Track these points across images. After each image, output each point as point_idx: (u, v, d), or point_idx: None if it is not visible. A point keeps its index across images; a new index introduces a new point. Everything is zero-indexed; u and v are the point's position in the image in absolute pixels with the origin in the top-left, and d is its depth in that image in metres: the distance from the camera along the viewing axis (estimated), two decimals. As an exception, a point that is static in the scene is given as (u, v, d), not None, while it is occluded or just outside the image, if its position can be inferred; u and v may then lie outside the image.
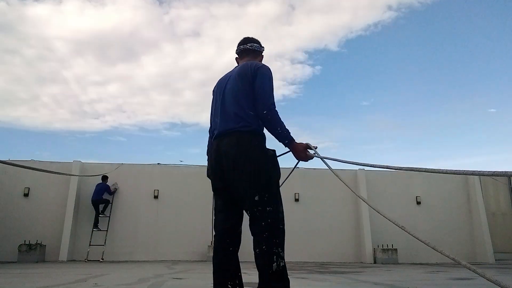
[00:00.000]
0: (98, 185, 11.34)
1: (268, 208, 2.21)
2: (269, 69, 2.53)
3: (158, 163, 12.62)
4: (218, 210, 2.51)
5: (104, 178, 11.47)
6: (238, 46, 2.83)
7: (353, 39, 24.24)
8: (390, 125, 25.88)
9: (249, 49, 2.77)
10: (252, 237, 2.23)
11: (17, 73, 23.32)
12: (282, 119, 2.37)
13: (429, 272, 7.61)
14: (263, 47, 2.82)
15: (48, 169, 5.10)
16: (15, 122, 24.21)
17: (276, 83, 2.72)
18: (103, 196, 11.36)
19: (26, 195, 11.47)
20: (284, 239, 2.23)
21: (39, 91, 24.40)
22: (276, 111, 2.36)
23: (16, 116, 24.15)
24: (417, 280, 5.68)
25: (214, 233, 2.56)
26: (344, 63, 26.20)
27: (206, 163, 2.78)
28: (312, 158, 2.45)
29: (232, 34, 25.07)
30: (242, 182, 2.28)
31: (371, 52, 26.33)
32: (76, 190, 11.47)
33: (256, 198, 2.23)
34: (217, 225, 2.49)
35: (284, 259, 2.16)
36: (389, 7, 23.20)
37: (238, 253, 2.43)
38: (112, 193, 11.60)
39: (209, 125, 2.76)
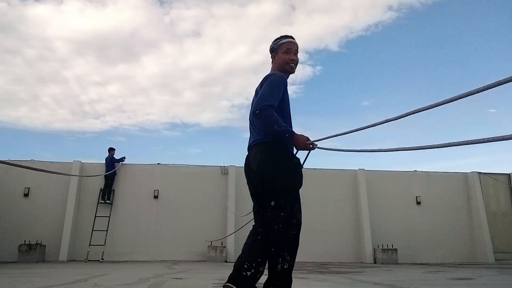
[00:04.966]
0: (106, 158, 11.89)
1: (282, 214, 2.35)
2: (277, 75, 2.57)
3: (158, 163, 12.62)
4: None
5: (111, 149, 11.98)
6: None
7: (353, 39, 24.26)
8: (390, 125, 25.85)
9: (270, 50, 2.78)
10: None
11: (17, 73, 23.34)
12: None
13: (429, 272, 7.61)
14: (274, 41, 2.74)
15: (48, 169, 5.11)
16: (15, 122, 24.23)
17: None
18: (111, 169, 11.62)
19: (26, 195, 11.48)
20: (295, 244, 2.38)
21: (39, 91, 24.42)
22: (270, 110, 2.40)
23: (17, 116, 24.17)
24: (417, 280, 5.68)
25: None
26: (344, 63, 26.21)
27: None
28: (313, 148, 2.51)
29: (233, 35, 25.09)
30: (264, 188, 2.46)
31: (371, 52, 26.35)
32: (76, 190, 11.48)
33: (272, 203, 2.38)
34: None
35: (289, 262, 2.32)
36: (390, 7, 23.21)
37: (238, 253, 2.49)
38: (117, 161, 11.92)
39: None
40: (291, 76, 2.77)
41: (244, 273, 2.28)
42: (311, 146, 2.48)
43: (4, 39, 21.99)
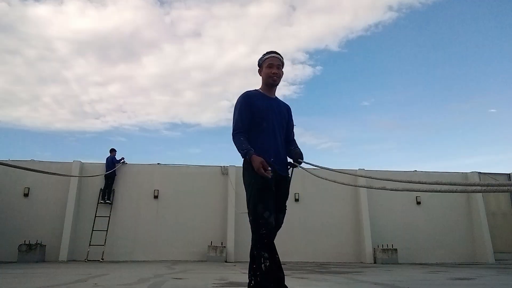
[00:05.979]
0: (107, 158, 11.95)
1: (250, 218, 2.63)
2: (238, 99, 2.85)
3: (158, 163, 12.62)
4: None
5: (112, 150, 12.04)
6: None
7: (353, 40, 24.30)
8: (391, 125, 25.90)
9: (258, 66, 3.00)
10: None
11: (18, 73, 23.36)
12: (240, 140, 2.70)
13: (429, 272, 7.61)
14: (260, 57, 2.96)
15: (48, 169, 5.11)
16: (15, 122, 24.24)
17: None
18: (111, 169, 11.66)
19: (26, 195, 11.47)
20: (269, 241, 2.52)
21: (39, 91, 24.44)
22: (234, 137, 2.73)
23: (17, 116, 24.18)
24: (417, 280, 5.68)
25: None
26: (344, 63, 26.24)
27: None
28: (268, 175, 2.54)
29: (233, 35, 25.11)
30: None
31: (371, 52, 26.37)
32: (76, 190, 11.48)
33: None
34: None
35: (269, 259, 2.47)
36: (390, 8, 23.24)
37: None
38: (117, 161, 11.97)
39: None
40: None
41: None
42: (268, 171, 2.53)
43: (5, 39, 22.01)
